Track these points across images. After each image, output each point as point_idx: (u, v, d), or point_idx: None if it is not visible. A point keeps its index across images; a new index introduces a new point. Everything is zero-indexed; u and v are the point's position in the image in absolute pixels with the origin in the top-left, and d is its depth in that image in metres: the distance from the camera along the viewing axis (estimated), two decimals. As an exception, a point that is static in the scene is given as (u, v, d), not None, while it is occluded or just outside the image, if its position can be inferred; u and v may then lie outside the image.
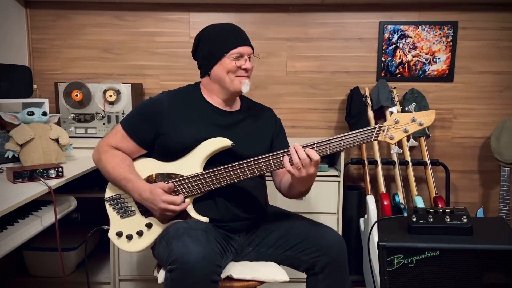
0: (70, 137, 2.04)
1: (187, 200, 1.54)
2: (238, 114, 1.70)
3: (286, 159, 1.45)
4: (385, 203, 2.48)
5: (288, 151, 1.46)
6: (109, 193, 1.66)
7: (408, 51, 2.70)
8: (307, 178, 1.45)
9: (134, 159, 1.66)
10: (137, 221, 1.60)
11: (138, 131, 1.63)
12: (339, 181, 2.35)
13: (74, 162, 2.05)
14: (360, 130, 1.46)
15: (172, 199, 1.49)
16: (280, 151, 1.49)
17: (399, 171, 2.58)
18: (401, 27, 2.69)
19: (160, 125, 1.61)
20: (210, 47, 1.61)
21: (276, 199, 2.21)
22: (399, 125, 1.46)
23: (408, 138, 2.60)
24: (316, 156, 1.41)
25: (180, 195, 1.53)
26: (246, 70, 1.61)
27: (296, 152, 1.42)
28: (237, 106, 1.72)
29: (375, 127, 1.46)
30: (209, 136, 1.58)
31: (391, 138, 1.46)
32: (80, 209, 1.89)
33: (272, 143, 1.74)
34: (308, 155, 1.41)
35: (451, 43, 2.69)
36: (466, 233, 1.67)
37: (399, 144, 2.60)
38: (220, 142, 1.57)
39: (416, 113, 1.46)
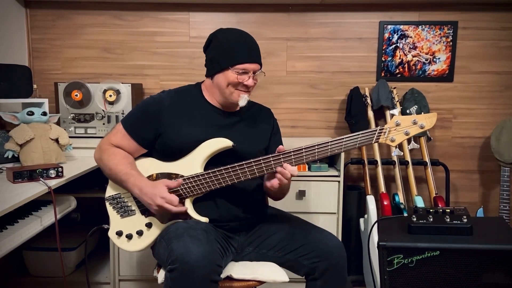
0: (70, 137, 2.04)
1: (185, 206, 1.54)
2: (238, 114, 1.71)
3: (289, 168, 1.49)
4: (385, 203, 2.48)
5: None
6: (109, 192, 1.66)
7: (408, 51, 2.70)
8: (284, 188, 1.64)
9: (135, 159, 1.66)
10: (137, 220, 1.60)
11: (139, 130, 1.63)
12: (339, 181, 2.35)
13: (74, 162, 2.05)
14: (361, 132, 1.46)
15: (170, 198, 1.49)
16: (279, 154, 1.50)
17: (399, 171, 2.58)
18: (401, 27, 2.68)
19: (160, 123, 1.61)
20: (217, 54, 1.60)
21: (276, 199, 2.20)
22: (400, 127, 1.46)
23: (409, 140, 2.60)
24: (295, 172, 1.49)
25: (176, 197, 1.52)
26: (247, 86, 1.61)
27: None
28: (237, 106, 1.72)
29: (376, 129, 1.46)
30: (209, 136, 1.58)
31: (392, 141, 1.46)
32: (80, 209, 1.90)
33: (269, 142, 1.75)
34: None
35: (451, 43, 2.69)
36: (466, 233, 1.66)
37: (399, 146, 2.60)
38: (221, 143, 1.57)
39: (418, 115, 1.46)
